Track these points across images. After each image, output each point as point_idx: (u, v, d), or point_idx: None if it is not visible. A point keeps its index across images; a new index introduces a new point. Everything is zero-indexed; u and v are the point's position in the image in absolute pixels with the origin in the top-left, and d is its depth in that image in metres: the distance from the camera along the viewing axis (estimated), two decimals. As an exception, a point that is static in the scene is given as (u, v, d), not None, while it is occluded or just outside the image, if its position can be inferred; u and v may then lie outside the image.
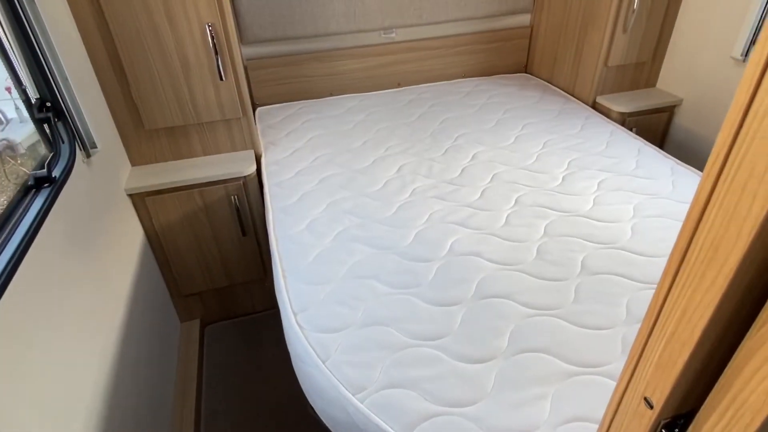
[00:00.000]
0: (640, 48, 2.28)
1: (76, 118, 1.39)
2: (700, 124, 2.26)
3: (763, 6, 1.86)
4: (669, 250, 1.47)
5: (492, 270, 1.38)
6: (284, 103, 2.54)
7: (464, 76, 2.79)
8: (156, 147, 1.92)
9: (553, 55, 2.61)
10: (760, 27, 1.90)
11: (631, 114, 2.28)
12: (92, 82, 1.68)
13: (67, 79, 1.36)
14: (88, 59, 1.66)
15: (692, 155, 2.32)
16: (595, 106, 2.40)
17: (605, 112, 2.33)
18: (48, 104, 1.32)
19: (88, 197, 1.44)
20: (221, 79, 1.79)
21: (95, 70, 1.70)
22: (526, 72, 2.89)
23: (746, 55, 1.97)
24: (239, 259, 2.13)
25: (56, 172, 1.27)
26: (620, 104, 2.30)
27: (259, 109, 2.48)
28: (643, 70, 2.39)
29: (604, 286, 1.32)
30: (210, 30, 1.70)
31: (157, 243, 1.96)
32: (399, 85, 2.71)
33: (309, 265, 1.44)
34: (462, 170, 1.91)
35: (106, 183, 1.63)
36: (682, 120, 2.35)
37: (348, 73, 2.59)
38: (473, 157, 1.99)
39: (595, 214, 1.60)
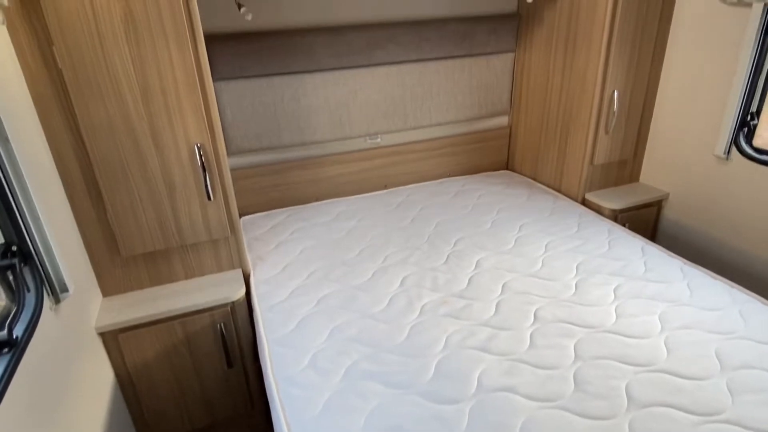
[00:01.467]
0: (622, 146, 2.35)
1: (46, 260, 1.21)
2: (689, 217, 2.29)
3: (739, 107, 1.96)
4: (710, 370, 1.38)
5: (531, 410, 1.22)
6: (270, 211, 2.42)
7: (449, 176, 2.80)
8: (132, 274, 1.73)
9: (535, 154, 2.67)
10: (737, 127, 1.99)
11: (622, 210, 2.29)
12: (64, 211, 1.51)
13: (38, 217, 1.20)
14: (61, 187, 1.51)
15: (684, 246, 2.32)
16: (585, 203, 2.40)
17: (596, 209, 2.33)
18: (14, 248, 1.14)
19: (54, 351, 1.21)
20: (209, 198, 1.67)
21: (69, 197, 1.54)
22: (507, 169, 2.93)
23: (728, 154, 2.04)
24: (223, 393, 1.87)
25: (19, 331, 1.06)
26: (610, 201, 2.31)
27: (243, 219, 2.35)
28: (626, 166, 2.45)
29: (659, 422, 1.17)
30: (199, 150, 1.60)
31: (129, 385, 1.70)
32: (386, 187, 2.67)
33: (318, 418, 1.23)
34: (469, 280, 1.80)
35: (74, 325, 1.41)
36: (671, 213, 2.38)
37: (334, 178, 2.54)
38: (477, 265, 1.90)
39: (623, 329, 1.50)
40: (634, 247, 1.96)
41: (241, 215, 2.38)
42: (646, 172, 2.48)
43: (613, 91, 2.19)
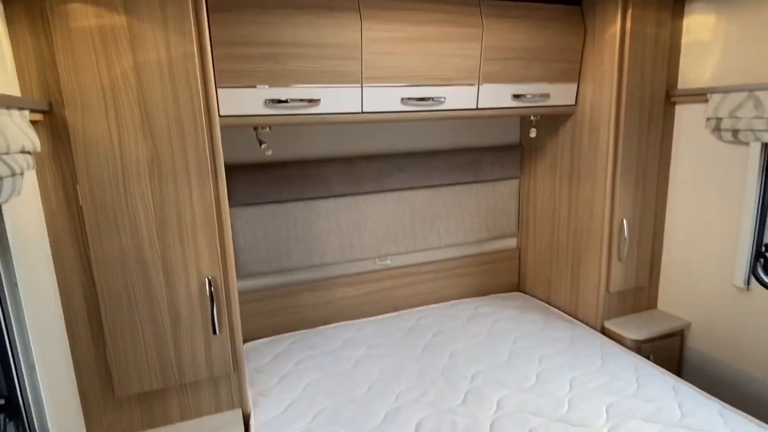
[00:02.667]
0: (637, 273, 2.32)
1: (34, 416, 1.10)
2: (714, 348, 2.17)
3: (753, 239, 1.96)
4: None
5: None
6: (274, 337, 2.31)
7: (460, 297, 2.73)
8: (124, 416, 1.58)
9: (547, 277, 2.63)
10: (753, 257, 1.97)
11: (645, 341, 2.18)
12: (63, 355, 1.42)
13: (33, 366, 1.11)
14: (63, 329, 1.45)
15: (713, 380, 2.17)
16: (604, 331, 2.31)
17: (618, 339, 2.23)
18: (1, 402, 1.04)
19: None
20: (215, 332, 1.59)
21: (69, 337, 1.47)
22: (519, 291, 2.87)
23: (747, 284, 1.99)
24: None
25: None
26: (631, 330, 2.22)
27: (246, 346, 2.23)
28: (642, 293, 2.39)
29: None
30: (210, 282, 1.56)
31: None
32: (395, 309, 2.59)
33: None
34: (491, 425, 1.64)
35: (50, 486, 1.24)
36: (695, 343, 2.26)
37: (342, 300, 2.47)
38: (498, 406, 1.75)
39: (671, 494, 1.32)
40: (664, 385, 1.83)
41: (244, 341, 2.27)
42: (664, 300, 2.42)
43: (622, 220, 2.21)
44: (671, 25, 2.14)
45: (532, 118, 2.40)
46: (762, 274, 1.96)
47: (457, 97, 2.06)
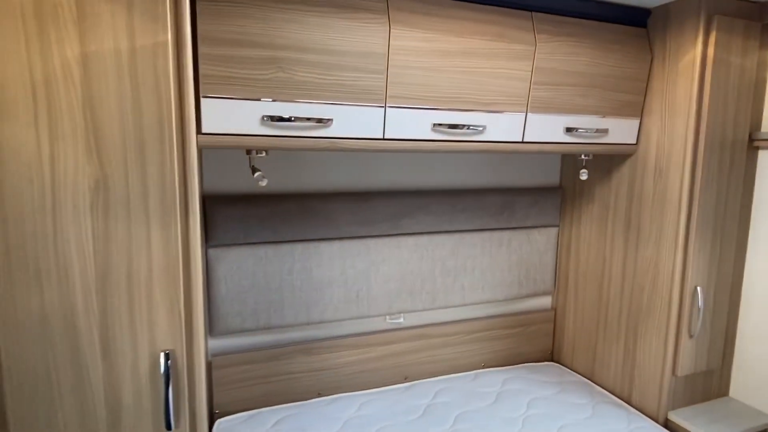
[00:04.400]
0: (709, 353, 1.88)
1: None
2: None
3: None
4: None
5: None
6: (255, 411, 1.85)
7: (483, 366, 2.27)
8: None
9: (591, 348, 2.18)
10: None
11: (725, 443, 1.72)
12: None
13: None
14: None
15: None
16: (668, 425, 1.84)
17: (687, 437, 1.77)
18: None
19: None
20: (169, 429, 1.14)
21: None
22: (552, 360, 2.42)
23: None
24: None
25: None
26: (704, 426, 1.76)
27: (219, 423, 1.77)
28: (712, 377, 1.94)
29: None
30: (166, 358, 1.13)
31: None
32: (407, 379, 2.13)
33: None
34: None
35: None
36: (785, 449, 1.80)
37: (343, 366, 2.01)
38: None
39: None
40: None
41: (217, 417, 1.81)
42: (737, 386, 1.96)
43: (696, 287, 1.79)
44: (759, 56, 1.78)
45: (583, 156, 2.01)
46: None
47: (500, 127, 1.68)
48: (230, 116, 1.33)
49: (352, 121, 1.47)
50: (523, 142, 1.73)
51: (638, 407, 1.94)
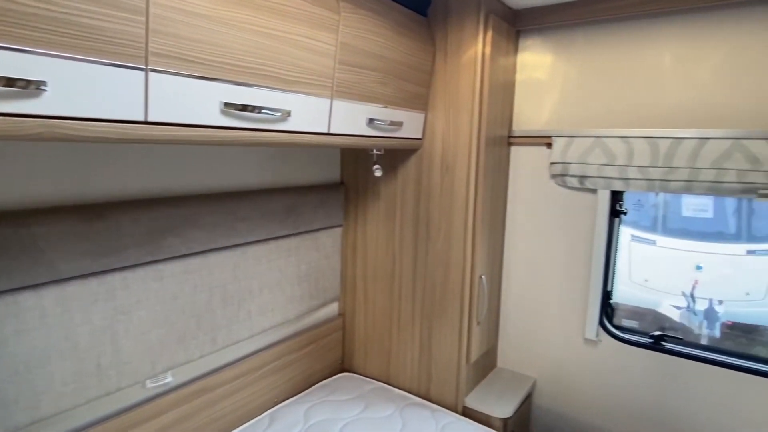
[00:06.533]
0: (488, 336, 2.03)
1: None
2: (561, 404, 2.06)
3: (601, 289, 1.90)
4: None
5: None
6: None
7: (276, 402, 1.88)
8: None
9: (385, 350, 2.09)
10: (604, 311, 1.93)
11: (510, 417, 1.88)
12: None
13: None
14: None
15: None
16: (465, 412, 1.91)
17: (483, 420, 1.86)
18: None
19: None
20: None
21: None
22: (344, 370, 2.23)
23: (596, 335, 1.93)
24: None
25: None
26: (493, 407, 1.89)
27: None
28: (488, 354, 2.12)
29: None
30: None
31: None
32: (181, 459, 1.55)
33: None
34: None
35: None
36: (541, 401, 2.11)
37: (80, 476, 1.29)
38: None
39: None
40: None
41: None
42: (502, 356, 2.21)
43: (481, 276, 1.88)
44: (513, 59, 1.97)
45: (375, 151, 1.84)
46: (608, 325, 1.93)
47: (306, 114, 1.31)
48: None
49: (89, 90, 0.85)
50: (329, 134, 1.41)
51: (437, 401, 1.94)
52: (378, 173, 1.82)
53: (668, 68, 1.69)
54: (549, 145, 1.92)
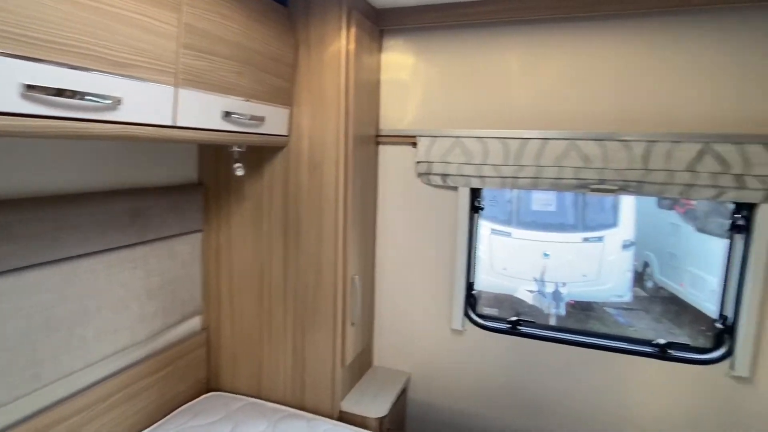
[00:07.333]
0: (362, 336, 2.01)
1: None
2: (435, 396, 2.12)
3: (465, 280, 2.00)
4: None
5: None
6: None
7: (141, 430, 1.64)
8: None
9: (255, 362, 1.95)
10: (468, 302, 2.03)
11: (385, 416, 1.88)
12: None
13: None
14: None
15: (437, 428, 2.13)
16: (342, 416, 1.86)
17: (359, 422, 1.83)
18: None
19: None
20: None
21: None
22: (210, 389, 2.03)
23: (462, 325, 2.03)
24: None
25: None
26: (369, 407, 1.87)
27: None
28: (363, 354, 2.10)
29: None
30: None
31: None
32: None
33: None
34: None
35: None
36: (416, 395, 2.16)
37: None
38: None
39: None
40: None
41: None
42: (378, 354, 2.21)
43: (354, 277, 1.85)
44: (377, 58, 1.97)
45: (236, 149, 1.69)
46: (473, 314, 2.04)
47: (143, 103, 1.13)
48: None
49: None
50: (176, 128, 1.24)
51: (313, 409, 1.87)
52: (240, 172, 1.68)
53: (515, 74, 1.84)
54: (415, 145, 1.97)
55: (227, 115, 1.42)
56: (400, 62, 1.99)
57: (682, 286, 5.72)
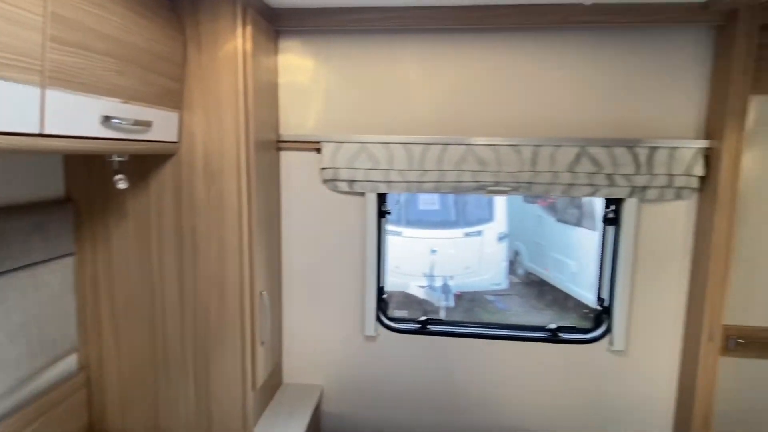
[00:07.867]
0: (272, 355, 1.90)
1: None
2: (351, 406, 2.09)
3: (375, 293, 1.99)
4: None
5: None
6: None
7: None
8: None
9: (150, 399, 1.72)
10: (379, 306, 2.02)
11: (304, 435, 1.81)
12: None
13: None
14: None
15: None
16: (256, 443, 1.73)
17: (276, 446, 1.73)
18: None
19: None
20: None
21: None
22: (93, 435, 1.75)
23: (375, 331, 2.02)
24: None
25: None
26: (285, 428, 1.78)
27: None
28: (274, 374, 1.98)
29: None
30: None
31: None
32: None
33: None
34: None
35: None
36: (330, 407, 2.10)
37: None
38: None
39: None
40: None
41: None
42: (287, 370, 2.11)
43: (261, 293, 1.73)
44: (274, 60, 1.87)
45: (116, 158, 1.46)
46: (384, 318, 2.05)
47: (2, 108, 0.92)
48: None
49: None
50: (43, 136, 1.03)
51: (222, 441, 1.71)
52: (122, 185, 1.46)
53: (414, 81, 1.88)
54: (318, 151, 1.91)
55: (107, 119, 1.22)
56: (298, 65, 1.92)
57: (547, 271, 6.45)
